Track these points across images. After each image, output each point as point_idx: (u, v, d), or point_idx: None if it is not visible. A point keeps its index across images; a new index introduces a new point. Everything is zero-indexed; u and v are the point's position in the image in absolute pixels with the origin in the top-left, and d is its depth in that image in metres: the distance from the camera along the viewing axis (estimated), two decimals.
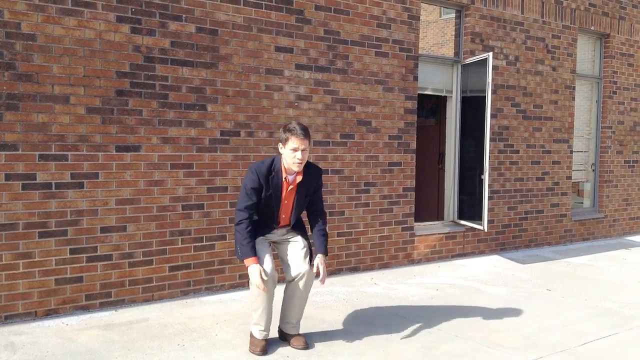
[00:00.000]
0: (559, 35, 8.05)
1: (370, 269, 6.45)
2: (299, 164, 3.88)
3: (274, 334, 4.19)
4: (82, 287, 4.79)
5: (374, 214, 6.46)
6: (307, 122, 5.88)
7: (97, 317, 4.68)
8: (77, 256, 4.76)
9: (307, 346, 4.06)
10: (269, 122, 5.66)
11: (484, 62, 6.79)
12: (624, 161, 9.20)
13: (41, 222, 4.61)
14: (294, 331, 4.14)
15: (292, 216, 4.10)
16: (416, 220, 6.94)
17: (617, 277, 6.50)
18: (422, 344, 4.22)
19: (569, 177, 8.38)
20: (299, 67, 5.83)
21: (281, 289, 4.16)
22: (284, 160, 3.95)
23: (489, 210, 7.30)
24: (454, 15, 7.42)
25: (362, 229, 6.37)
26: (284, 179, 3.97)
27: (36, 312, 4.62)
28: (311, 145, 4.43)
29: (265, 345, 3.97)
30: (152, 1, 5.00)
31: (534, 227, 7.98)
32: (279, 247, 4.16)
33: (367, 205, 6.39)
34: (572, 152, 8.38)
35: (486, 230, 6.85)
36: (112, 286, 4.93)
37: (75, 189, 4.74)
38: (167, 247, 5.18)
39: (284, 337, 4.18)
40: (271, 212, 4.02)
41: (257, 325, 4.00)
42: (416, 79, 6.69)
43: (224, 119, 5.41)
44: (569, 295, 5.67)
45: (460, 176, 7.33)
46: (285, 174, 3.97)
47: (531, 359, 3.99)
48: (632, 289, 5.95)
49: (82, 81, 4.73)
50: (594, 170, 9.01)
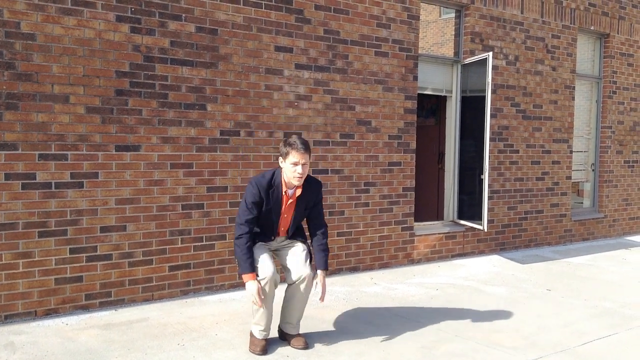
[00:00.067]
0: (559, 35, 8.05)
1: (370, 268, 6.45)
2: (299, 178, 3.88)
3: (274, 334, 4.19)
4: (82, 286, 4.79)
5: (374, 213, 6.45)
6: (307, 122, 5.89)
7: (97, 316, 4.68)
8: (76, 256, 4.76)
9: (307, 346, 4.06)
10: (268, 122, 5.66)
11: (483, 61, 6.79)
12: (624, 161, 9.20)
13: (41, 221, 4.60)
14: (294, 331, 4.14)
15: (291, 228, 4.12)
16: (416, 220, 6.94)
17: (617, 277, 6.50)
18: (422, 344, 4.22)
19: (569, 177, 8.38)
20: (299, 66, 5.82)
21: (281, 289, 4.15)
22: (284, 174, 3.95)
23: (489, 210, 7.30)
24: (453, 15, 7.42)
25: (361, 229, 6.37)
26: (284, 193, 3.97)
27: (36, 311, 4.61)
28: (311, 158, 4.42)
29: (265, 345, 3.97)
30: (152, 1, 4.99)
31: (534, 227, 7.98)
32: (279, 253, 4.17)
33: (367, 205, 6.39)
34: (571, 152, 8.38)
35: (486, 230, 6.85)
36: (112, 286, 4.93)
37: (75, 189, 4.74)
38: (167, 247, 5.18)
39: (284, 337, 4.18)
40: (270, 225, 4.04)
41: (257, 325, 4.00)
42: (416, 78, 6.69)
43: (224, 118, 5.41)
44: (569, 295, 5.67)
45: (460, 176, 7.33)
46: (285, 188, 3.97)
47: (531, 359, 3.99)
48: (632, 289, 5.95)
49: (82, 81, 4.73)
50: (593, 170, 9.01)
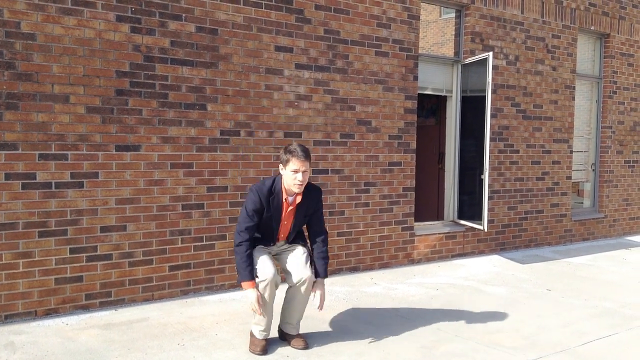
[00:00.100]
0: (559, 35, 8.04)
1: (370, 268, 6.44)
2: (300, 185, 3.88)
3: (274, 334, 4.19)
4: (82, 286, 4.79)
5: (374, 213, 6.45)
6: (307, 122, 5.89)
7: (97, 316, 4.68)
8: (77, 256, 4.76)
9: (307, 346, 4.06)
10: (268, 122, 5.66)
11: (484, 61, 6.79)
12: (624, 161, 9.20)
13: (41, 221, 4.60)
14: (294, 331, 4.14)
15: (290, 234, 4.13)
16: (416, 220, 6.93)
17: (617, 277, 6.50)
18: (422, 344, 4.22)
19: (569, 177, 8.37)
20: (299, 66, 5.82)
21: (282, 289, 4.15)
22: (284, 181, 3.95)
23: (489, 210, 7.30)
24: (453, 14, 7.42)
25: (362, 229, 6.37)
26: (284, 200, 3.97)
27: (36, 311, 4.61)
28: (311, 167, 4.42)
29: (265, 345, 3.97)
30: (152, 0, 4.99)
31: (534, 227, 7.98)
32: (279, 257, 4.18)
33: (367, 205, 6.39)
34: (572, 152, 8.38)
35: (486, 230, 6.85)
36: (112, 286, 4.93)
37: (75, 189, 4.74)
38: (167, 247, 5.18)
39: (284, 337, 4.18)
40: (270, 232, 4.05)
41: (258, 325, 4.00)
42: (416, 78, 6.68)
43: (224, 118, 5.41)
44: (569, 295, 5.66)
45: (460, 176, 7.33)
46: (285, 195, 3.97)
47: (531, 359, 3.99)
48: (632, 289, 5.95)
49: (82, 80, 4.73)
50: (594, 170, 9.01)
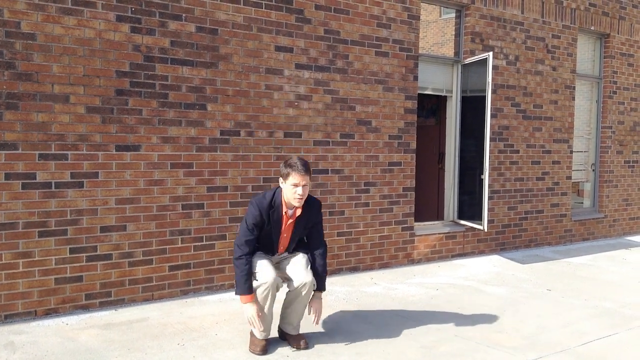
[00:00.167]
0: (559, 35, 8.04)
1: (370, 268, 6.44)
2: (300, 199, 3.88)
3: (274, 334, 4.19)
4: (82, 286, 4.79)
5: (374, 213, 6.45)
6: (307, 122, 5.89)
7: (97, 316, 4.68)
8: (76, 255, 4.76)
9: (307, 346, 4.06)
10: (269, 122, 5.66)
11: (484, 61, 6.78)
12: (624, 161, 9.20)
13: (41, 221, 4.60)
14: (294, 331, 4.14)
15: (290, 246, 4.14)
16: (416, 220, 6.93)
17: (617, 277, 6.50)
18: (422, 344, 4.22)
19: (569, 177, 8.37)
20: (299, 66, 5.82)
21: (282, 290, 4.15)
22: (284, 194, 3.95)
23: (489, 210, 7.30)
24: (454, 15, 7.42)
25: (362, 229, 6.36)
26: (284, 213, 3.98)
27: (36, 311, 4.61)
28: (311, 181, 4.43)
29: (265, 345, 3.97)
30: (152, 0, 4.99)
31: (534, 227, 7.98)
32: (280, 265, 4.17)
33: (367, 204, 6.39)
34: (572, 152, 8.38)
35: (486, 230, 6.85)
36: (112, 285, 4.93)
37: (75, 189, 4.74)
38: (167, 247, 5.18)
39: (284, 336, 4.18)
40: (270, 244, 4.06)
41: None
42: (416, 78, 6.68)
43: (224, 118, 5.41)
44: (569, 295, 5.66)
45: (460, 176, 7.33)
46: (285, 208, 3.98)
47: (531, 359, 3.99)
48: (632, 289, 5.95)
49: (82, 80, 4.73)
50: (594, 170, 9.01)
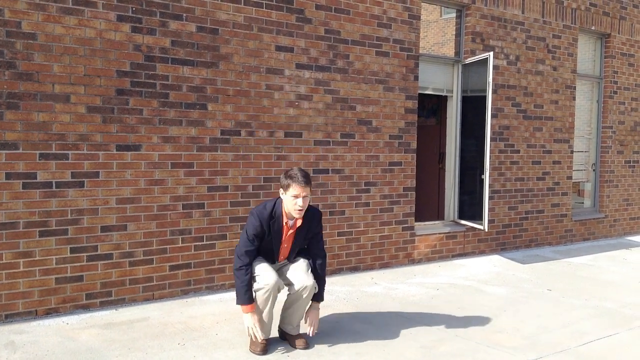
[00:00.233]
0: (560, 35, 8.04)
1: (370, 268, 6.45)
2: (300, 210, 3.89)
3: (274, 334, 4.19)
4: (82, 286, 4.80)
5: (375, 213, 6.45)
6: (308, 122, 5.89)
7: (98, 316, 4.69)
8: (77, 255, 4.77)
9: (307, 346, 4.06)
10: (269, 122, 5.66)
11: (484, 61, 6.78)
12: (625, 161, 9.19)
13: (42, 221, 4.61)
14: (295, 331, 4.14)
15: (290, 256, 4.15)
16: (417, 219, 6.93)
17: (618, 277, 6.50)
18: (422, 343, 4.22)
19: (570, 177, 8.37)
20: (300, 66, 5.82)
21: (282, 292, 4.15)
22: (284, 205, 3.95)
23: (490, 210, 7.30)
24: (454, 14, 7.42)
25: (362, 229, 6.37)
26: (284, 224, 3.98)
27: (36, 311, 4.62)
28: (312, 192, 4.43)
29: (265, 344, 3.97)
30: (153, 0, 4.99)
31: (535, 227, 7.98)
32: (280, 271, 4.17)
33: (368, 204, 6.39)
34: (572, 152, 8.37)
35: (487, 230, 6.85)
36: (113, 285, 4.93)
37: (75, 188, 4.74)
38: (168, 246, 5.18)
39: (284, 336, 4.19)
40: (270, 254, 4.08)
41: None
42: (417, 78, 6.68)
43: (225, 118, 5.41)
44: (570, 295, 5.66)
45: (460, 176, 7.32)
46: (285, 219, 3.98)
47: (531, 359, 3.99)
48: (633, 289, 5.94)
49: (83, 80, 4.73)
50: (594, 170, 9.01)
